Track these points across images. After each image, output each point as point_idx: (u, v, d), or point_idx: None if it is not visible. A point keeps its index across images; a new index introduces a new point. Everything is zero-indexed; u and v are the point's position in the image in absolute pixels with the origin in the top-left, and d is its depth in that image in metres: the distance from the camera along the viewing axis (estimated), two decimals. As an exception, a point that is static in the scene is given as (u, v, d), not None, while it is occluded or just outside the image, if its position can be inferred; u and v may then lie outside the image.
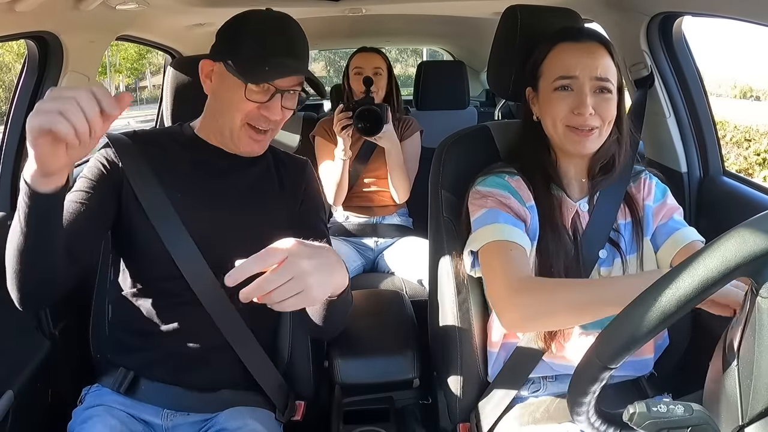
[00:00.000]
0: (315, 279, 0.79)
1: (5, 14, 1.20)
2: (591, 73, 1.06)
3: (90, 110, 0.76)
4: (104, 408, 1.11)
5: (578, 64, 1.06)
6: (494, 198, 1.10)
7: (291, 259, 0.77)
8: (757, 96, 22.18)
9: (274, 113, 1.10)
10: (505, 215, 1.08)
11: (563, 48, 1.09)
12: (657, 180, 1.19)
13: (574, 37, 1.10)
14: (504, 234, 1.05)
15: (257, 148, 1.15)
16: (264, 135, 1.14)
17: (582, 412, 0.70)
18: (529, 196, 1.12)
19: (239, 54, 1.08)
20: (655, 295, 0.59)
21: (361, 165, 2.20)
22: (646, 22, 1.55)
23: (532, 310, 0.97)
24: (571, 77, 1.06)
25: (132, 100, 1.01)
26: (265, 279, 0.76)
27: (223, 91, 1.12)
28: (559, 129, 1.09)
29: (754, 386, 0.55)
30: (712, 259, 0.56)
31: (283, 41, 1.10)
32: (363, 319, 1.48)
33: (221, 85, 1.12)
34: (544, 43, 1.13)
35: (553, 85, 1.08)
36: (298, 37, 1.13)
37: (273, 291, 0.75)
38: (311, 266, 0.79)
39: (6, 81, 18.74)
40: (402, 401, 1.45)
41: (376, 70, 2.24)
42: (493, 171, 1.16)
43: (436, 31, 3.83)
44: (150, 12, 1.77)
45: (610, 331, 0.64)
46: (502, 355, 1.17)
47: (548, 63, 1.11)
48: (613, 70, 1.08)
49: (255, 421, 1.12)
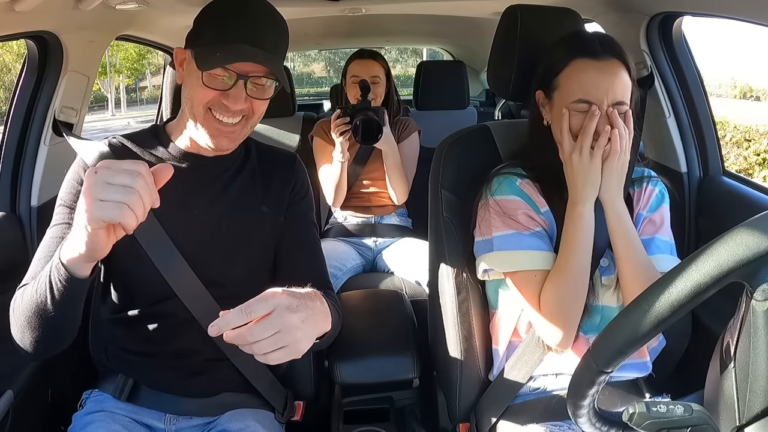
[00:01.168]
0: (302, 332, 0.77)
1: (5, 14, 1.20)
2: (611, 99, 1.04)
3: (149, 200, 0.77)
4: (105, 414, 1.11)
5: (598, 90, 1.04)
6: (517, 216, 1.09)
7: (278, 312, 0.74)
8: (757, 96, 22.19)
9: (236, 102, 1.01)
10: (529, 239, 1.09)
11: (582, 65, 1.06)
12: (660, 188, 1.18)
13: (594, 53, 1.06)
14: (531, 263, 1.08)
15: (225, 142, 1.06)
16: (231, 128, 1.05)
17: (582, 414, 0.70)
18: (543, 202, 1.12)
19: (199, 38, 1.03)
20: (650, 300, 0.59)
21: (359, 166, 2.20)
22: (646, 22, 1.55)
23: (560, 327, 1.05)
24: (589, 101, 1.04)
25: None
26: (249, 329, 0.73)
27: (186, 79, 1.06)
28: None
29: (750, 388, 0.56)
30: (705, 264, 0.56)
31: (241, 24, 1.00)
32: (363, 319, 1.48)
33: (186, 73, 1.06)
34: (562, 52, 1.10)
35: (570, 106, 1.06)
36: (262, 20, 1.03)
37: (256, 342, 0.73)
38: (299, 319, 0.77)
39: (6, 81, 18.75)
40: (402, 401, 1.45)
41: (374, 78, 2.22)
42: (503, 173, 1.14)
43: (436, 31, 3.83)
44: (150, 12, 1.77)
45: (606, 335, 0.64)
46: (506, 354, 1.18)
47: (565, 78, 1.08)
48: (629, 85, 1.06)
49: (256, 423, 1.12)
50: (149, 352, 1.11)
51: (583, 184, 1.05)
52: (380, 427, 1.34)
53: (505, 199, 1.11)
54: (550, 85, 1.11)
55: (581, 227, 1.05)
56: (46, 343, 0.95)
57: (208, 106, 1.02)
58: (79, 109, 1.65)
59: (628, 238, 1.06)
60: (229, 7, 1.03)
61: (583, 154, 1.04)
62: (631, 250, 1.06)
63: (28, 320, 0.91)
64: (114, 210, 0.74)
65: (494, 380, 1.19)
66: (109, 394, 1.14)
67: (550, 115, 1.13)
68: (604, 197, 1.06)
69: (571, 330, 1.06)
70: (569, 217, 1.07)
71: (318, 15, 2.39)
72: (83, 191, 0.77)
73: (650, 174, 1.20)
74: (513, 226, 1.10)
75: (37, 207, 1.55)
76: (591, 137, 1.03)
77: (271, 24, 1.04)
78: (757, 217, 0.57)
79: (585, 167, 1.04)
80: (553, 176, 1.12)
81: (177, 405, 1.13)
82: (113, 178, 0.75)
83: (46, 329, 0.91)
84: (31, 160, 1.56)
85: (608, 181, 1.05)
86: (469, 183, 1.21)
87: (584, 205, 1.05)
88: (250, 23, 1.01)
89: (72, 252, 0.81)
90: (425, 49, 10.42)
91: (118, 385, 1.13)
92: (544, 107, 1.14)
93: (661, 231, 1.14)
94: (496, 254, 1.11)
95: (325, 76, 18.59)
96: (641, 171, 1.20)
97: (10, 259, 1.48)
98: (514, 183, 1.13)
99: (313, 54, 15.28)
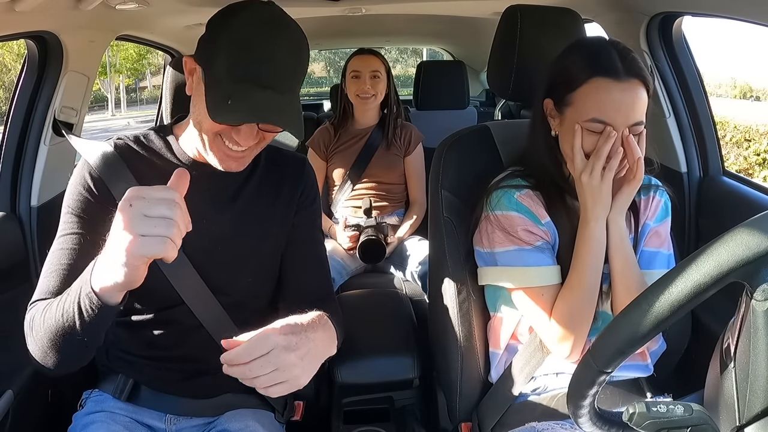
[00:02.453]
0: (300, 369, 0.80)
1: (5, 14, 1.20)
2: (628, 121, 1.00)
3: (185, 227, 0.75)
4: (106, 414, 1.11)
5: (618, 113, 1.00)
6: (518, 233, 1.08)
7: (275, 351, 0.77)
8: (757, 96, 22.20)
9: (247, 139, 0.95)
10: (532, 255, 1.08)
11: (602, 85, 1.00)
12: (665, 200, 1.17)
13: (615, 73, 0.99)
14: (536, 280, 1.08)
15: (234, 165, 1.00)
16: (241, 153, 0.99)
17: (583, 415, 0.70)
18: (543, 213, 1.10)
19: (212, 65, 0.92)
20: (650, 300, 0.59)
21: (359, 169, 2.22)
22: (646, 22, 1.55)
23: (573, 341, 1.05)
24: (605, 123, 1.00)
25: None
26: (249, 367, 0.77)
27: (195, 98, 0.98)
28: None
29: (750, 388, 0.56)
30: (705, 264, 0.56)
31: (264, 60, 0.90)
32: (363, 319, 1.48)
33: (197, 92, 0.97)
34: (577, 68, 1.03)
35: (584, 124, 1.02)
36: (289, 59, 0.93)
37: (256, 378, 0.77)
38: (297, 357, 0.80)
39: (6, 81, 18.75)
40: (402, 401, 1.45)
41: (375, 72, 2.24)
42: (501, 187, 1.12)
43: (436, 31, 3.83)
44: (150, 12, 1.77)
45: (606, 336, 0.64)
46: (506, 356, 1.18)
47: (582, 95, 1.03)
48: (647, 103, 1.02)
49: (256, 423, 1.12)
50: (152, 355, 1.11)
51: (593, 204, 1.04)
52: (380, 427, 1.34)
53: (504, 215, 1.10)
54: (563, 99, 1.06)
55: (592, 246, 1.05)
56: (72, 363, 0.93)
57: (217, 132, 0.97)
58: (79, 109, 1.65)
59: (627, 257, 1.07)
60: (255, 36, 0.90)
61: (594, 176, 1.02)
62: (629, 267, 1.07)
63: (53, 342, 0.87)
64: (158, 245, 0.72)
65: (495, 383, 1.19)
66: (110, 394, 1.13)
67: (560, 128, 1.09)
68: (609, 216, 1.05)
69: (581, 342, 1.06)
70: (581, 235, 1.06)
71: (318, 15, 2.39)
72: (120, 226, 0.73)
73: (657, 183, 1.18)
74: (515, 242, 1.09)
75: (37, 207, 1.56)
76: (604, 160, 1.01)
77: (297, 61, 0.95)
78: (757, 217, 0.57)
79: (595, 189, 1.03)
80: (554, 184, 1.11)
81: (177, 405, 1.13)
82: (150, 210, 0.72)
83: (73, 350, 0.89)
84: (31, 160, 1.56)
85: (617, 203, 1.05)
86: (469, 183, 1.21)
87: (596, 224, 1.04)
88: (274, 63, 0.90)
89: (106, 282, 0.78)
90: (425, 49, 10.42)
91: (118, 385, 1.13)
92: (553, 118, 1.10)
93: (665, 245, 1.15)
94: (500, 270, 1.11)
95: (325, 76, 18.58)
96: (648, 179, 1.18)
97: (10, 259, 1.48)
98: (512, 197, 1.10)
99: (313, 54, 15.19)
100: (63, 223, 1.00)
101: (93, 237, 0.95)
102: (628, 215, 1.13)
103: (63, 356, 0.89)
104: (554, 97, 1.09)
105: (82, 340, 0.86)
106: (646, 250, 1.14)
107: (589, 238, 1.05)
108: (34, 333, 0.90)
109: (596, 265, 1.05)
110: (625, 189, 1.05)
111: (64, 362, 0.91)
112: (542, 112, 1.12)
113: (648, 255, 1.13)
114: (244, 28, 0.91)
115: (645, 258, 1.13)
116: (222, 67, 0.90)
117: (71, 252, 0.97)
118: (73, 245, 0.97)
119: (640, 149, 1.02)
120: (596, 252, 1.05)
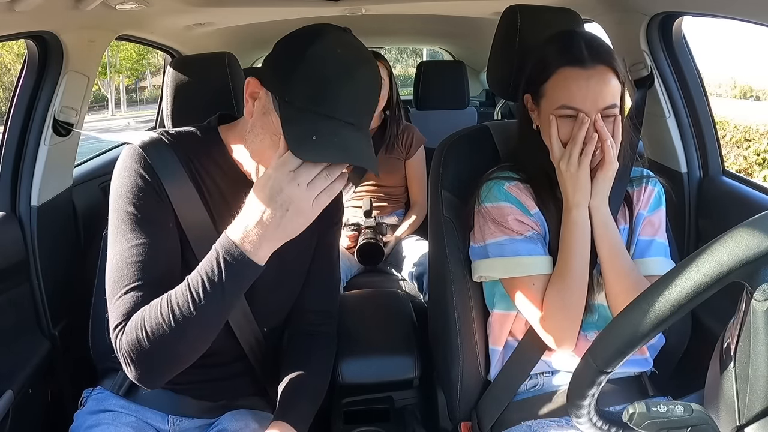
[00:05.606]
0: None
1: (5, 14, 1.20)
2: (598, 105, 1.03)
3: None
4: (112, 414, 1.11)
5: (585, 98, 1.02)
6: (508, 222, 1.10)
7: None
8: (757, 96, 22.20)
9: None
10: (523, 245, 1.09)
11: (568, 74, 1.04)
12: (658, 189, 1.18)
13: (581, 61, 1.03)
14: (527, 269, 1.09)
15: None
16: None
17: (582, 414, 0.70)
18: (532, 204, 1.13)
19: (289, 96, 0.86)
20: (650, 300, 0.59)
21: (361, 173, 2.22)
22: (646, 22, 1.55)
23: (564, 329, 1.07)
24: (575, 108, 1.03)
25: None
26: None
27: (260, 128, 0.92)
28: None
29: (750, 388, 0.56)
30: (705, 264, 0.56)
31: (348, 100, 0.86)
32: (363, 319, 1.48)
33: (262, 119, 0.92)
34: (547, 60, 1.07)
35: (556, 112, 1.05)
36: (371, 95, 0.90)
37: None
38: None
39: (6, 81, 18.74)
40: (402, 401, 1.45)
41: None
42: (492, 178, 1.15)
43: (436, 31, 3.83)
44: (150, 12, 1.77)
45: (605, 335, 0.64)
46: (504, 353, 1.18)
47: (552, 86, 1.07)
48: (618, 89, 1.05)
49: (256, 423, 1.12)
50: None
51: (574, 191, 1.06)
52: (380, 427, 1.34)
53: (494, 206, 1.12)
54: (537, 92, 1.10)
55: (576, 232, 1.07)
56: (210, 338, 0.92)
57: None
58: (79, 109, 1.65)
59: (613, 243, 1.08)
60: (338, 69, 0.85)
61: (571, 163, 1.04)
62: (616, 254, 1.07)
63: (194, 323, 0.86)
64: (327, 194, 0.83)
65: (494, 380, 1.19)
66: (109, 391, 1.14)
67: (539, 120, 1.12)
68: (590, 203, 1.07)
69: (574, 331, 1.08)
70: (565, 222, 1.08)
71: (318, 15, 2.39)
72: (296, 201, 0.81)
73: (649, 174, 1.20)
74: (505, 232, 1.10)
75: (37, 207, 1.56)
76: (580, 146, 1.03)
77: (376, 96, 0.92)
78: (757, 217, 0.57)
79: (573, 176, 1.05)
80: (543, 177, 1.13)
81: (178, 405, 1.13)
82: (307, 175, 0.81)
83: (218, 320, 0.91)
84: (31, 160, 1.56)
85: (596, 189, 1.07)
86: (469, 183, 1.21)
87: (578, 211, 1.07)
88: (358, 100, 0.87)
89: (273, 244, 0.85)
90: (425, 49, 10.43)
91: (117, 381, 1.13)
92: (532, 111, 1.14)
93: (659, 233, 1.16)
94: (491, 261, 1.12)
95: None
96: (639, 171, 1.21)
97: (10, 259, 1.48)
98: (502, 188, 1.13)
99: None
100: (133, 231, 0.94)
101: (168, 235, 0.96)
102: (622, 207, 1.16)
103: (205, 342, 0.91)
104: (531, 91, 1.13)
105: (228, 305, 0.88)
106: (641, 240, 1.15)
107: (573, 224, 1.07)
108: (160, 332, 0.86)
109: (582, 252, 1.07)
110: (599, 175, 1.06)
111: (202, 348, 0.92)
112: (524, 107, 1.15)
113: (643, 244, 1.14)
114: (326, 61, 0.85)
115: (640, 247, 1.14)
116: (301, 100, 0.85)
117: (154, 263, 0.93)
118: (153, 254, 0.93)
119: (616, 135, 1.04)
120: (581, 238, 1.07)
